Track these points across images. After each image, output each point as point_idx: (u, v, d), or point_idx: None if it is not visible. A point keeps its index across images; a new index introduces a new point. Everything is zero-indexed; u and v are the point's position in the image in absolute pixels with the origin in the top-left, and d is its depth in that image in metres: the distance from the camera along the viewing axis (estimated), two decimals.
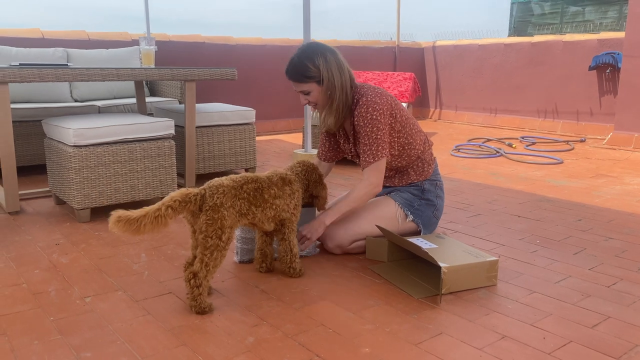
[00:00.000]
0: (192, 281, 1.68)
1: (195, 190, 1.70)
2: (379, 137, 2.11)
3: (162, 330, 1.61)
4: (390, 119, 2.14)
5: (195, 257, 1.75)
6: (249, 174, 1.85)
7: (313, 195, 2.10)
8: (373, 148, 2.11)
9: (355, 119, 2.14)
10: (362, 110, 2.11)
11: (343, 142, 2.32)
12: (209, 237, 1.67)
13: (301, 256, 2.16)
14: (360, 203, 2.17)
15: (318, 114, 2.29)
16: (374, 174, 2.14)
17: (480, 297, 1.85)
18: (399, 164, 2.26)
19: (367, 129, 2.10)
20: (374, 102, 2.10)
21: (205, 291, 1.72)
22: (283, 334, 1.60)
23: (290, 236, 1.96)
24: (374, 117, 2.09)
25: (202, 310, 1.70)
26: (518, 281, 1.98)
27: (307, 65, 2.09)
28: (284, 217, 1.92)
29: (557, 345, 1.53)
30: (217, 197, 1.69)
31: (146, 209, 1.59)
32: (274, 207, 1.86)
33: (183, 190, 1.67)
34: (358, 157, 2.26)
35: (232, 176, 1.80)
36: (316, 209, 2.20)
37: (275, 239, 2.04)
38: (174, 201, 1.62)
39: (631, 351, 1.51)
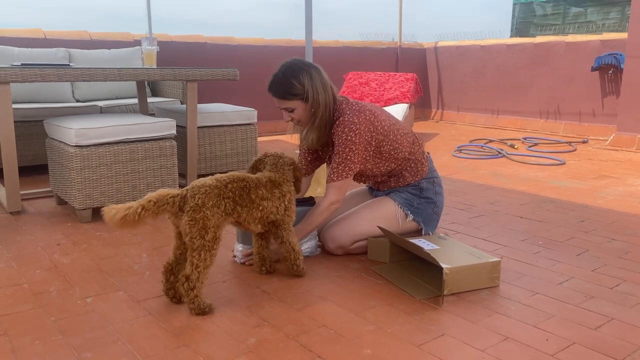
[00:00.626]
0: (185, 285, 1.66)
1: (176, 191, 1.68)
2: (349, 157, 2.10)
3: (163, 330, 1.61)
4: (368, 135, 2.12)
5: (175, 258, 1.75)
6: (237, 173, 1.82)
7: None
8: (341, 167, 2.11)
9: (333, 136, 2.13)
10: (339, 129, 2.10)
11: (327, 158, 2.29)
12: (194, 239, 1.64)
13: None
14: (320, 221, 2.16)
15: (298, 130, 2.27)
16: (335, 192, 2.13)
17: (483, 298, 1.84)
18: (389, 168, 2.25)
19: (340, 148, 2.10)
20: (350, 122, 2.09)
21: (202, 292, 1.70)
22: (284, 334, 1.59)
23: (288, 237, 1.94)
24: (349, 137, 2.09)
25: (202, 312, 1.69)
26: (520, 282, 1.98)
27: (292, 83, 2.07)
28: (274, 219, 1.90)
29: (560, 346, 1.53)
30: (199, 197, 1.66)
31: (121, 205, 1.59)
32: (260, 208, 1.82)
33: (162, 191, 1.65)
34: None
35: (218, 175, 1.77)
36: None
37: (272, 240, 2.03)
38: (149, 202, 1.60)
39: (634, 353, 1.50)
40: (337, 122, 2.12)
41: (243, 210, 1.77)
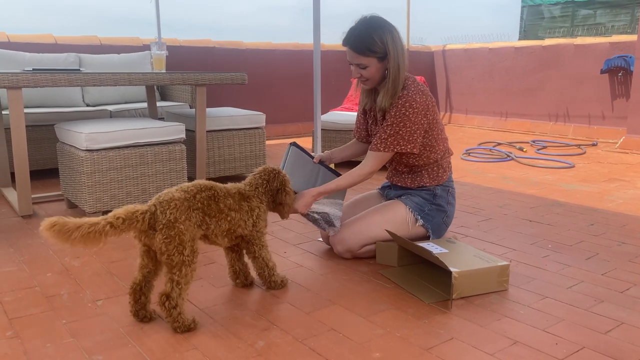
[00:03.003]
0: (166, 303, 1.58)
1: (144, 207, 1.58)
2: (400, 133, 2.10)
3: (173, 333, 1.62)
4: (424, 119, 2.14)
5: (143, 277, 1.66)
6: (204, 182, 1.73)
7: (277, 202, 1.91)
8: (390, 139, 2.11)
9: (395, 107, 2.13)
10: (400, 102, 2.10)
11: (371, 123, 2.34)
12: (172, 256, 1.57)
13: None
14: (349, 184, 2.17)
15: (361, 90, 2.30)
16: (374, 162, 2.15)
17: (492, 302, 1.84)
18: (416, 163, 2.25)
19: (396, 120, 2.10)
20: (412, 99, 2.10)
21: (184, 309, 1.62)
22: (293, 338, 1.60)
23: (260, 253, 1.87)
24: (407, 113, 2.09)
25: (187, 329, 1.62)
26: (530, 286, 1.97)
27: (373, 38, 2.05)
28: (242, 233, 1.81)
29: (569, 351, 1.52)
30: (170, 213, 1.57)
31: (84, 220, 1.47)
32: (228, 219, 1.73)
33: (130, 207, 1.55)
34: None
35: (184, 185, 1.68)
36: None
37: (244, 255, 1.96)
38: (117, 218, 1.50)
39: None
40: (401, 95, 2.11)
41: (212, 221, 1.69)
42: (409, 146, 2.14)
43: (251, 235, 1.84)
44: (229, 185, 1.81)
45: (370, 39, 2.06)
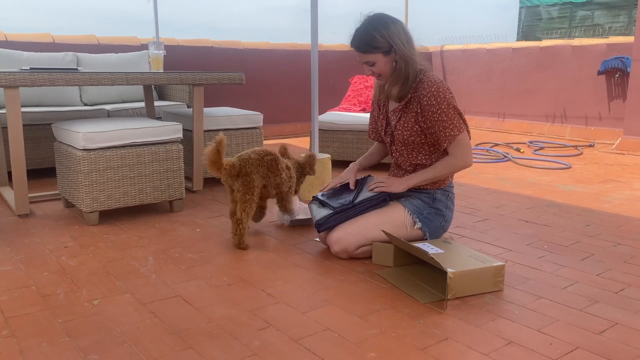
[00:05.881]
0: (239, 226, 2.31)
1: (234, 160, 2.30)
2: (453, 114, 2.13)
3: (169, 333, 1.62)
4: (453, 100, 2.17)
5: (235, 208, 2.34)
6: (269, 149, 2.41)
7: (304, 174, 2.68)
8: (454, 122, 2.12)
9: (425, 98, 2.14)
10: (433, 88, 2.12)
11: (382, 119, 2.37)
12: (245, 194, 2.28)
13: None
14: (448, 172, 2.20)
15: (377, 86, 2.35)
16: (463, 150, 2.16)
17: (487, 302, 1.85)
18: (423, 162, 2.26)
19: (443, 106, 2.11)
20: (441, 83, 2.13)
21: (246, 231, 2.33)
22: (289, 337, 1.60)
23: (290, 207, 2.57)
24: (447, 96, 2.12)
25: (244, 246, 2.33)
26: (525, 287, 1.98)
27: (373, 35, 2.10)
28: (282, 190, 2.48)
29: (563, 351, 1.53)
30: (247, 167, 2.30)
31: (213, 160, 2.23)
32: (282, 176, 2.42)
33: (226, 159, 2.27)
34: (392, 136, 2.32)
35: (256, 149, 2.38)
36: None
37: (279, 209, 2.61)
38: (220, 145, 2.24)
39: (638, 358, 1.50)
40: (427, 83, 2.13)
41: (271, 176, 2.38)
42: (463, 125, 2.17)
43: (285, 193, 2.51)
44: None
45: (371, 36, 2.11)
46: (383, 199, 2.23)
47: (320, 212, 2.29)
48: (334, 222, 2.22)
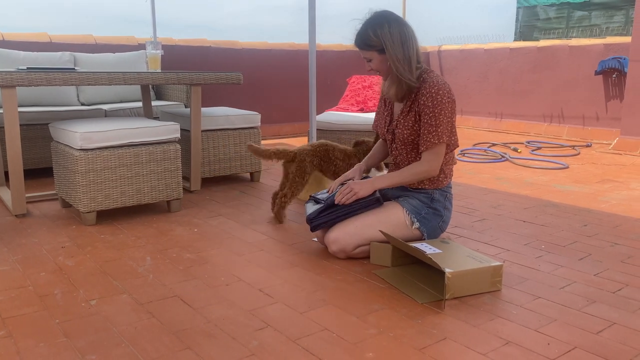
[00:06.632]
0: (283, 198, 2.71)
1: (293, 149, 2.73)
2: (442, 121, 2.13)
3: (167, 333, 1.62)
4: (453, 105, 2.18)
5: (281, 190, 2.77)
6: (324, 141, 2.82)
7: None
8: (439, 130, 2.13)
9: (424, 98, 2.15)
10: (433, 90, 2.13)
11: (386, 115, 2.38)
12: (296, 177, 2.69)
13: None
14: (413, 179, 2.22)
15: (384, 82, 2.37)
16: (434, 159, 2.18)
17: (485, 302, 1.85)
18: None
19: (436, 110, 2.12)
20: (444, 86, 2.14)
21: (286, 207, 2.74)
22: (287, 337, 1.60)
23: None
24: (444, 100, 2.12)
25: (280, 218, 2.74)
26: (523, 286, 1.98)
27: (368, 34, 2.15)
28: (338, 174, 2.82)
29: (561, 351, 1.53)
30: (302, 155, 2.71)
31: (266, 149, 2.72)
32: (335, 164, 2.79)
33: (284, 148, 2.74)
34: (392, 135, 2.32)
35: (314, 142, 2.80)
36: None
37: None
38: (281, 151, 2.73)
39: (636, 358, 1.50)
40: (428, 84, 2.15)
41: (324, 164, 2.79)
42: (454, 137, 2.21)
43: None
44: (340, 146, 2.82)
45: (366, 34, 2.16)
46: (377, 199, 2.23)
47: (312, 208, 2.29)
48: (325, 218, 2.22)
